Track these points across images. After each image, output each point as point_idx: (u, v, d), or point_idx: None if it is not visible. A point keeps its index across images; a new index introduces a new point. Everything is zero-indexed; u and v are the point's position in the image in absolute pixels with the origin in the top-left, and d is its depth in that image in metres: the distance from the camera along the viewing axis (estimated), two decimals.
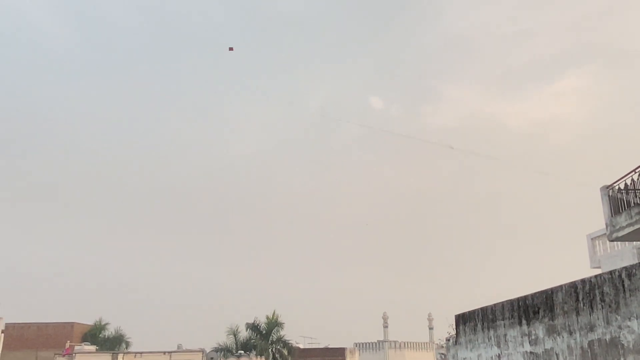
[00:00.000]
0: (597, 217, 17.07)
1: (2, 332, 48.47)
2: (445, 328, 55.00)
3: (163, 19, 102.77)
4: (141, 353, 44.56)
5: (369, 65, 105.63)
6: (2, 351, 47.61)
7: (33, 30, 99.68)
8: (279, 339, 50.81)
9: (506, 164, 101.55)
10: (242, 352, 50.32)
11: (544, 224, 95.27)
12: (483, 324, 11.77)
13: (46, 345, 54.00)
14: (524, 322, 10.02)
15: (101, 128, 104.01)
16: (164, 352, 44.31)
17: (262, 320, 51.55)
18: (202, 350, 46.86)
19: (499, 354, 10.96)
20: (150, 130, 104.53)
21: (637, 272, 7.23)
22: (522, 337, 10.02)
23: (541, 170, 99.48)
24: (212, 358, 49.80)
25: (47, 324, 56.88)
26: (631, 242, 20.49)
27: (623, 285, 7.44)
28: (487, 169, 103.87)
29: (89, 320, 57.86)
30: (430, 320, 53.35)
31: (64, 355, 44.45)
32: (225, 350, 50.27)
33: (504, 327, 10.75)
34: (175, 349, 47.79)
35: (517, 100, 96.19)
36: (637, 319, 7.15)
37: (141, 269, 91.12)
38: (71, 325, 57.21)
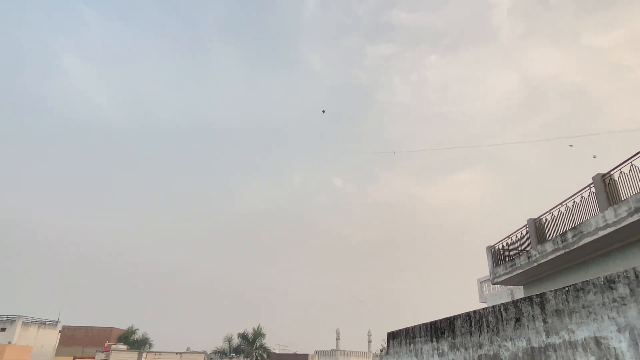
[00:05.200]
0: (484, 267, 17.20)
1: (60, 332, 45.57)
2: (380, 342, 53.39)
3: (200, 119, 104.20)
4: (160, 352, 42.04)
5: (334, 155, 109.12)
6: (58, 346, 44.73)
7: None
8: (261, 346, 48.78)
9: (425, 229, 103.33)
10: (234, 354, 47.98)
11: (452, 270, 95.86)
12: (406, 340, 11.52)
13: (91, 344, 50.88)
14: (434, 339, 9.84)
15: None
16: (176, 352, 41.93)
17: (249, 331, 49.56)
18: (204, 352, 44.45)
19: None
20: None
21: (510, 308, 7.18)
22: (432, 350, 9.83)
23: (448, 233, 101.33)
24: (211, 358, 47.26)
25: (92, 327, 53.72)
26: (506, 286, 20.75)
27: (501, 316, 7.38)
28: (414, 229, 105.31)
29: (124, 326, 54.82)
30: (369, 335, 51.63)
31: (103, 352, 41.75)
32: (221, 353, 47.92)
33: (421, 342, 10.53)
34: (184, 350, 45.25)
35: (432, 186, 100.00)
36: (511, 341, 7.07)
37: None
38: (110, 329, 54.19)
